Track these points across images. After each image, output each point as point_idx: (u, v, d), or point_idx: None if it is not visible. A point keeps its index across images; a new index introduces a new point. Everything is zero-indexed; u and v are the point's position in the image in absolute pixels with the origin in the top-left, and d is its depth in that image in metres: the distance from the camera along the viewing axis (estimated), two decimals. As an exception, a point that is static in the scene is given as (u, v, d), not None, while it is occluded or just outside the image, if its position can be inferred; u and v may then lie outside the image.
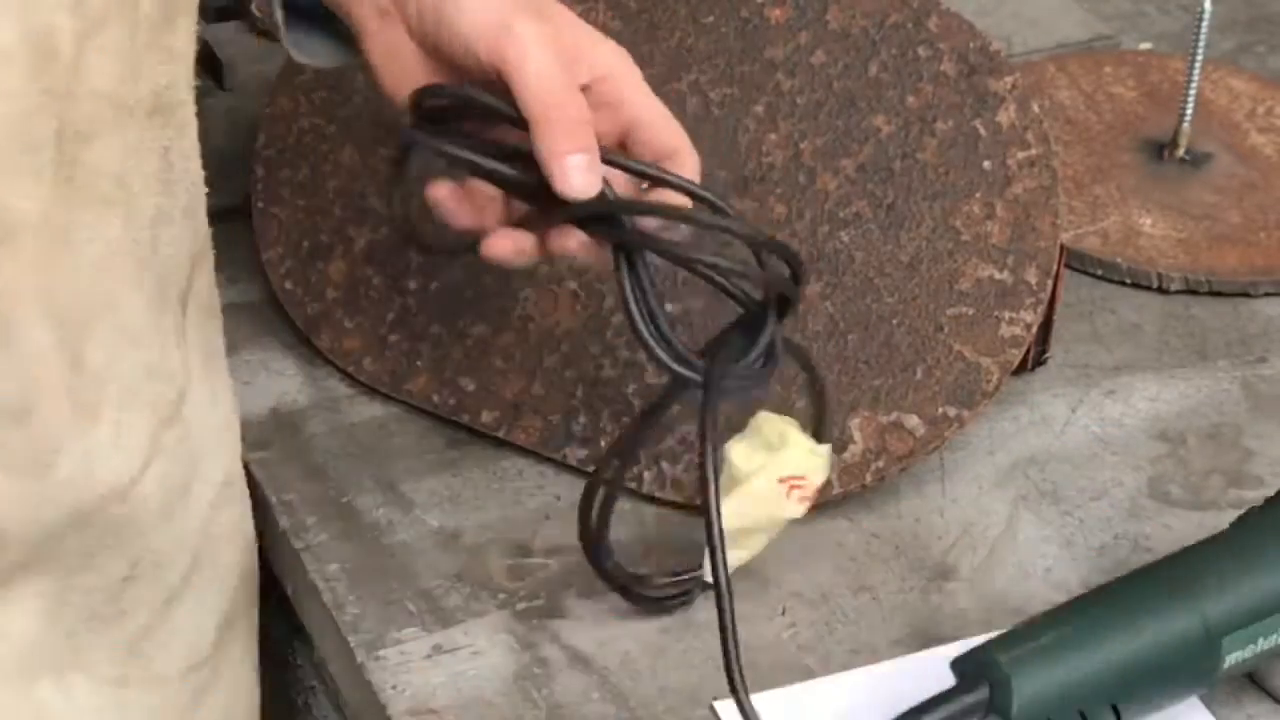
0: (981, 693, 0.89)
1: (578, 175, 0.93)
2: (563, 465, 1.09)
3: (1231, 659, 0.92)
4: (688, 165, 0.98)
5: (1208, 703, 0.97)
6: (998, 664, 0.89)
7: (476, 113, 0.97)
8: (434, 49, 0.98)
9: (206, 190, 1.26)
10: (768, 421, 0.99)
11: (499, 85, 0.95)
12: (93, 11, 0.83)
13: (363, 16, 1.00)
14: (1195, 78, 1.28)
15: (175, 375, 0.96)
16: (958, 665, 0.91)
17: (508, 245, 0.98)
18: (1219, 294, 1.23)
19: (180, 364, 0.96)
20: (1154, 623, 0.91)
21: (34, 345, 0.87)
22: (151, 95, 0.88)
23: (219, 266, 1.21)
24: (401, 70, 0.99)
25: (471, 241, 0.99)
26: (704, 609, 1.01)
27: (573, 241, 0.97)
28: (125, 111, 0.87)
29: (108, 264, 0.89)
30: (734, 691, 0.90)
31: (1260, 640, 0.93)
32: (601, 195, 0.94)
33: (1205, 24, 1.26)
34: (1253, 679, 0.98)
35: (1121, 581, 0.94)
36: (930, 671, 0.98)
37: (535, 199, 0.97)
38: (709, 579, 0.94)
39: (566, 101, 0.94)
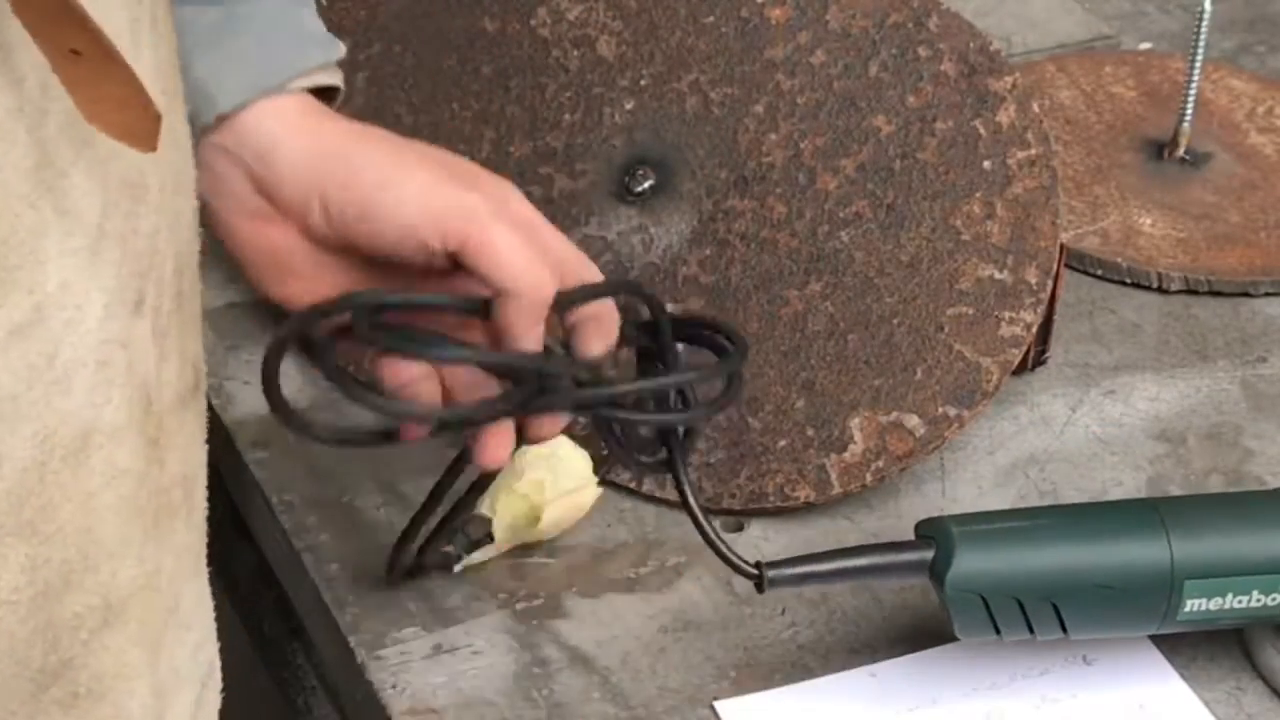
0: (927, 553, 0.93)
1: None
2: (563, 465, 1.09)
3: (1192, 605, 0.93)
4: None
5: (1206, 702, 0.97)
6: (949, 532, 0.93)
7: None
8: (347, 244, 0.90)
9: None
10: (564, 447, 1.03)
11: (434, 270, 0.89)
12: (161, 326, 0.77)
13: (229, 221, 0.92)
14: (1195, 78, 1.28)
15: (211, 630, 0.89)
16: (919, 527, 0.95)
17: (503, 448, 0.91)
18: (1219, 294, 1.23)
19: (211, 609, 0.90)
20: (1116, 541, 0.93)
21: (139, 703, 0.80)
22: (193, 371, 0.82)
23: (219, 266, 1.21)
24: (286, 268, 0.92)
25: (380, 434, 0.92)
26: (703, 611, 1.01)
27: (557, 426, 0.93)
28: (182, 406, 0.81)
29: (176, 571, 0.82)
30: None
31: (1228, 596, 0.93)
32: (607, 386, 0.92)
33: (1205, 24, 1.26)
34: (1258, 672, 0.98)
35: (1105, 502, 0.97)
36: (930, 671, 0.98)
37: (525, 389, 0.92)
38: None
39: (547, 279, 0.89)
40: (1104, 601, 0.93)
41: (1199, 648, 0.99)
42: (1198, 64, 1.27)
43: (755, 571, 0.92)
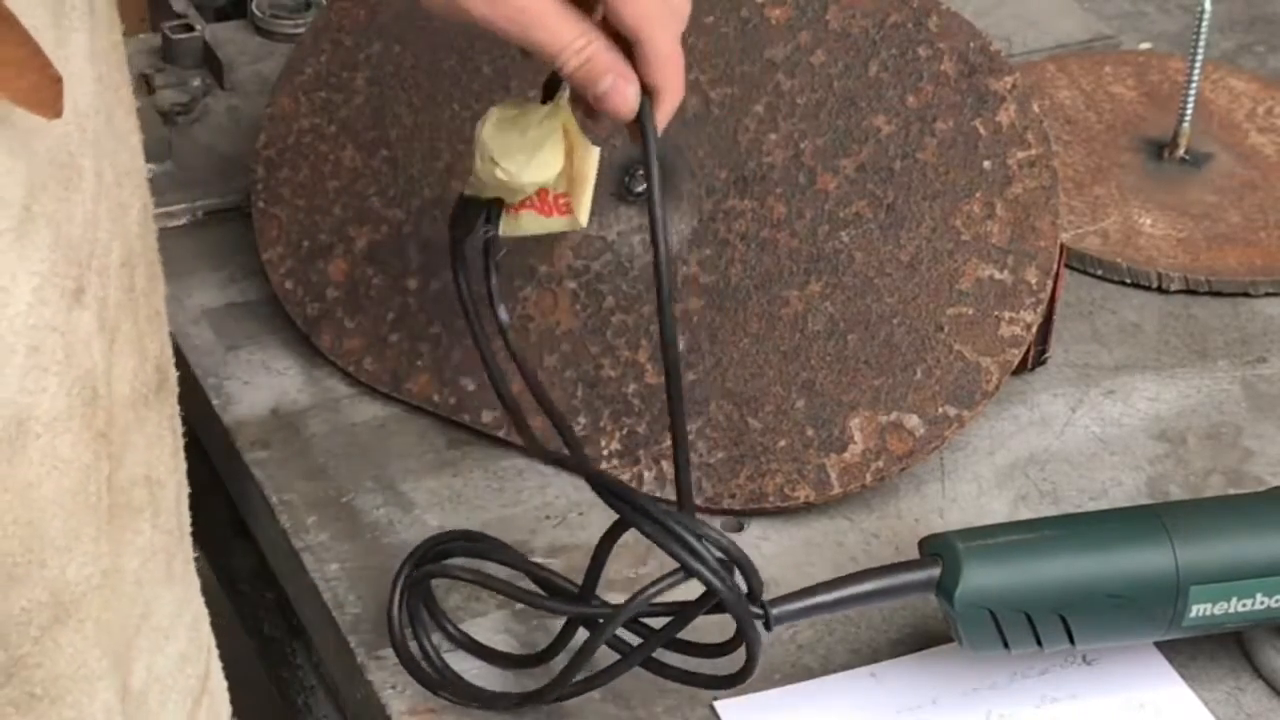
0: (933, 571, 0.93)
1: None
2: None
3: (1197, 610, 0.93)
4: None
5: (1206, 702, 0.97)
6: (954, 549, 0.93)
7: None
8: None
9: (207, 191, 1.26)
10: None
11: None
12: (110, 319, 0.76)
13: None
14: (1195, 78, 1.28)
15: (203, 647, 0.89)
16: (924, 544, 0.95)
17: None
18: (1219, 294, 1.23)
19: (207, 629, 0.90)
20: (1121, 550, 0.93)
21: (101, 706, 0.79)
22: (155, 371, 0.81)
23: (219, 266, 1.21)
24: None
25: None
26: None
27: None
28: (143, 404, 0.79)
29: (143, 574, 0.81)
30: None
31: (1234, 600, 0.93)
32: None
33: (1205, 24, 1.26)
34: (1258, 673, 0.98)
35: (1106, 511, 0.97)
36: (930, 671, 0.98)
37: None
38: None
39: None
40: (1111, 611, 0.92)
41: (1199, 648, 0.99)
42: (1198, 64, 1.27)
43: (760, 611, 0.92)
